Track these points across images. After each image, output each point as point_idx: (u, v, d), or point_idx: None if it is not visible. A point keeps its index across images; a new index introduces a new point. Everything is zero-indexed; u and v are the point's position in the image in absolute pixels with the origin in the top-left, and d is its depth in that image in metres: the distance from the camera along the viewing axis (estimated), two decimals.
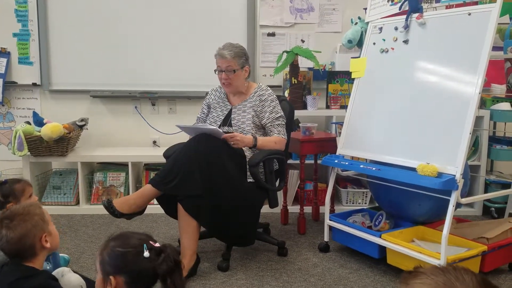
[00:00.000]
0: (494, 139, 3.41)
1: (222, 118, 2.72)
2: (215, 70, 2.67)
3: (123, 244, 1.33)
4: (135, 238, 1.35)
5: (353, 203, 3.59)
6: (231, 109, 2.72)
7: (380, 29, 2.76)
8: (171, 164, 2.40)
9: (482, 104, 3.46)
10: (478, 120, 3.27)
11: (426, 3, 2.58)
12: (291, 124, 2.86)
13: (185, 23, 3.83)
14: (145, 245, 1.32)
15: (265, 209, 2.79)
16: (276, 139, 2.63)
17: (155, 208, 2.71)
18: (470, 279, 0.91)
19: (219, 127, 2.69)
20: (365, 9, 2.93)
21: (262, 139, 2.60)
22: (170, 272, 1.32)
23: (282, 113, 2.69)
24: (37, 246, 1.60)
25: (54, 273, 1.93)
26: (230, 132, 2.58)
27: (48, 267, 2.12)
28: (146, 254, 1.30)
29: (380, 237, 2.44)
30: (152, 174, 3.53)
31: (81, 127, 3.67)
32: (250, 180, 2.50)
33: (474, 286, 0.90)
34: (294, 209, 3.40)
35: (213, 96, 2.82)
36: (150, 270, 1.32)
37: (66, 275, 1.91)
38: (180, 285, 1.33)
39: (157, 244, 1.35)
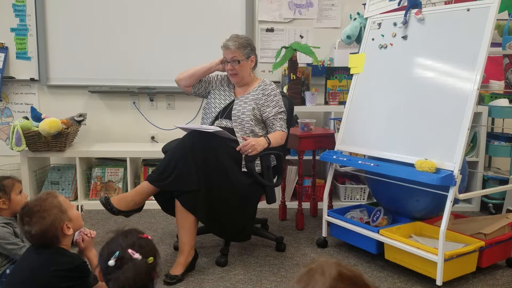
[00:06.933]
0: (492, 135, 3.42)
1: (223, 106, 2.71)
2: (222, 61, 2.69)
3: (108, 242, 1.38)
4: (118, 243, 1.36)
5: (351, 199, 3.60)
6: (233, 101, 2.71)
7: (379, 24, 2.75)
8: (167, 161, 2.40)
9: (481, 100, 3.46)
10: (477, 116, 3.28)
11: None
12: (290, 120, 2.86)
13: (184, 18, 3.82)
14: (117, 253, 1.33)
15: (263, 204, 2.79)
16: (280, 134, 2.64)
17: (153, 204, 2.70)
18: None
19: (217, 118, 2.69)
20: (364, 4, 2.93)
21: (273, 137, 2.59)
22: None
23: (284, 108, 2.70)
24: (60, 235, 1.65)
25: None
26: (227, 127, 2.58)
27: None
28: (111, 262, 1.33)
29: (378, 232, 2.44)
30: (151, 170, 3.53)
31: (79, 122, 3.66)
32: (244, 169, 2.47)
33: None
34: (292, 205, 3.41)
35: (220, 78, 2.80)
36: (112, 274, 1.34)
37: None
38: None
39: (136, 256, 1.34)
